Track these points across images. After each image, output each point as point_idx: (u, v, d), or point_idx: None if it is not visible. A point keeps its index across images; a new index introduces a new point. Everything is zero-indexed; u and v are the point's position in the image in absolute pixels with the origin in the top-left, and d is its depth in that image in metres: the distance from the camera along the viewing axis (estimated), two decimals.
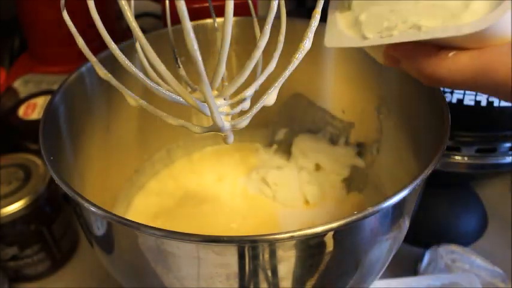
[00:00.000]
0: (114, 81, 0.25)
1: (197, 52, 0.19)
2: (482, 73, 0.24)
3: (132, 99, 0.25)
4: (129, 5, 0.24)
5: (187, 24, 0.18)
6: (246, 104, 0.25)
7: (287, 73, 0.24)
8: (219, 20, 0.42)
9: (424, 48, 0.26)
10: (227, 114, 0.24)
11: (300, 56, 0.24)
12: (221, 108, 0.24)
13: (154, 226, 0.25)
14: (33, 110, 0.56)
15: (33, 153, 0.51)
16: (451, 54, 0.25)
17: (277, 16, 0.28)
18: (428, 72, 0.25)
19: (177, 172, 0.52)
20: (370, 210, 0.26)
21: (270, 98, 0.25)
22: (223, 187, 0.50)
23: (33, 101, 0.58)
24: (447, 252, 0.49)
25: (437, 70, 0.25)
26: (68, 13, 0.24)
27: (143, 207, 0.48)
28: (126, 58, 0.23)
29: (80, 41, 0.24)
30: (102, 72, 0.25)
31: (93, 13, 0.22)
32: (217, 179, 0.51)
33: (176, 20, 0.21)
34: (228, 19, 0.20)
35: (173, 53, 0.37)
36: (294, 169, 0.50)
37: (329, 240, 0.27)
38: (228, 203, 0.48)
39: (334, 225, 0.25)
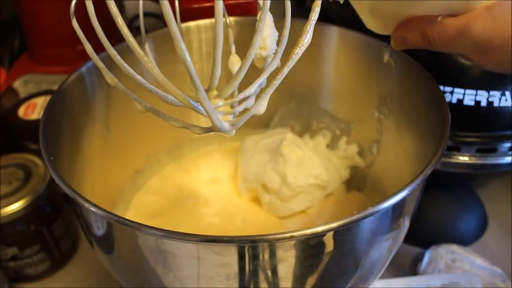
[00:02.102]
0: (122, 87, 0.25)
1: (186, 53, 0.19)
2: (461, 32, 0.28)
3: (139, 105, 0.25)
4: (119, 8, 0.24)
5: (174, 27, 0.18)
6: (250, 102, 0.25)
7: (286, 70, 0.23)
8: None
9: (422, 18, 0.30)
10: (227, 114, 0.24)
11: (299, 51, 0.23)
12: (221, 108, 0.24)
13: (154, 226, 0.25)
14: (33, 110, 0.56)
15: (33, 153, 0.51)
16: (439, 18, 0.29)
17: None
18: (427, 35, 0.30)
19: (177, 172, 0.51)
20: (370, 210, 0.26)
21: (266, 98, 0.25)
22: (222, 187, 0.50)
23: (33, 101, 0.57)
24: (447, 252, 0.49)
25: (430, 33, 0.30)
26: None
27: (143, 206, 0.48)
28: (125, 63, 0.23)
29: (89, 48, 0.24)
30: (110, 77, 0.25)
31: (93, 21, 0.22)
32: (218, 179, 0.51)
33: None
34: (218, 19, 0.20)
35: None
36: None
37: (329, 240, 0.27)
38: (227, 202, 0.48)
39: (334, 225, 0.25)
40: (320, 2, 0.23)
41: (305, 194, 0.45)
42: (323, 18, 0.30)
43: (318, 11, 0.23)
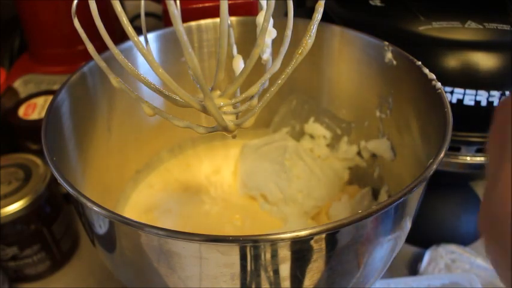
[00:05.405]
0: (125, 88, 0.25)
1: (192, 55, 0.19)
2: None
3: (146, 107, 0.25)
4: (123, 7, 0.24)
5: (180, 28, 0.18)
6: (254, 102, 0.25)
7: (290, 70, 0.23)
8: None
9: None
10: (231, 113, 0.24)
11: (303, 51, 0.23)
12: (224, 108, 0.24)
13: (157, 226, 0.25)
14: (33, 110, 0.56)
15: (33, 153, 0.51)
16: None
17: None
18: None
19: (178, 166, 0.52)
20: (373, 209, 0.26)
21: (269, 98, 0.25)
22: (223, 179, 0.50)
23: (33, 101, 0.57)
24: (447, 252, 0.49)
25: None
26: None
27: (141, 200, 0.48)
28: (130, 64, 0.23)
29: (91, 48, 0.24)
30: (112, 77, 0.25)
31: (96, 20, 0.22)
32: (219, 172, 0.51)
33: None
34: (224, 19, 0.20)
35: None
36: None
37: (332, 240, 0.27)
38: (227, 194, 0.48)
39: (337, 224, 0.25)
40: (324, 2, 0.22)
41: (304, 207, 0.46)
42: (324, 18, 0.30)
43: (322, 11, 0.23)
